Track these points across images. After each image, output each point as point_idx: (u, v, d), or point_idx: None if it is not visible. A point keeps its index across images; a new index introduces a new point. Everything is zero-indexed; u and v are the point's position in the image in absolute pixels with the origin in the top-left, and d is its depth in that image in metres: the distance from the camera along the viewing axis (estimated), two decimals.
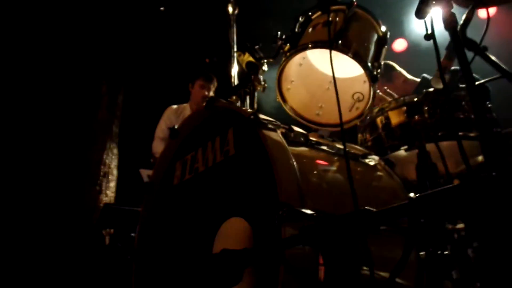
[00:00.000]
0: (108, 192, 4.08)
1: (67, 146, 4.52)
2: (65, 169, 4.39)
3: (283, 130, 1.30)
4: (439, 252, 1.14)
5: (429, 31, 1.09)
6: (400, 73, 3.11)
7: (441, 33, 1.17)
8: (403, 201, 0.77)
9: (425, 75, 3.05)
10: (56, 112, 4.64)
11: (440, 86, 1.65)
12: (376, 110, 1.77)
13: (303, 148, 1.35)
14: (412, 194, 1.09)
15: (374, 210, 0.80)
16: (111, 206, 3.96)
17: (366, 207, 0.79)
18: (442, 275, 1.22)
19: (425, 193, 0.71)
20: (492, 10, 3.96)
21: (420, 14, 1.00)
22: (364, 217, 0.77)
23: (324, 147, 1.44)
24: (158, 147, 3.32)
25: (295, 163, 1.18)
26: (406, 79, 3.09)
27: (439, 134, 1.58)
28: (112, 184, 4.19)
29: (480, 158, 1.49)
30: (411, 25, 4.53)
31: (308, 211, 1.05)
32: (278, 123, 1.29)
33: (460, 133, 1.58)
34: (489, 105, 1.75)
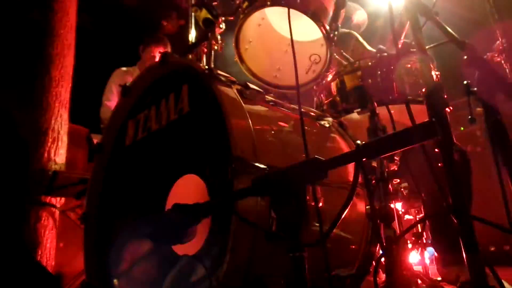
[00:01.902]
0: (57, 159, 3.87)
1: (11, 109, 4.20)
2: (9, 134, 4.10)
3: (239, 87, 1.28)
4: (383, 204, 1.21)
5: None
6: (360, 43, 3.15)
7: None
8: None
9: (380, 46, 3.11)
10: None
11: (394, 51, 1.70)
12: (332, 73, 1.79)
13: (258, 107, 1.34)
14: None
15: (323, 159, 0.81)
16: (60, 173, 3.77)
17: (315, 156, 0.80)
18: (385, 226, 1.30)
19: (370, 140, 0.74)
20: None
21: None
22: (314, 165, 0.79)
23: (280, 107, 1.44)
24: (106, 112, 3.10)
25: (249, 119, 1.17)
26: (364, 50, 3.14)
27: (390, 98, 1.63)
28: (62, 151, 3.97)
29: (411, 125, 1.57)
30: None
31: (261, 165, 1.06)
32: (234, 79, 1.26)
33: (408, 97, 1.64)
34: (437, 73, 1.83)
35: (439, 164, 0.86)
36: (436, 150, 0.87)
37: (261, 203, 1.07)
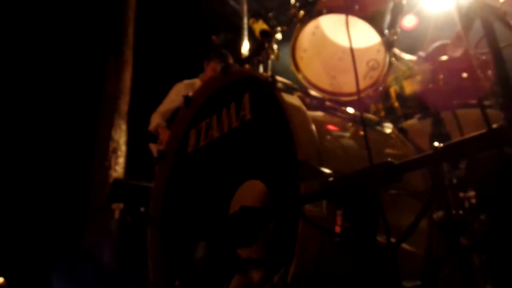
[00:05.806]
0: (117, 167, 4.14)
1: (75, 123, 4.57)
2: (73, 145, 4.45)
3: (300, 94, 1.30)
4: (453, 212, 1.16)
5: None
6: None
7: None
8: None
9: (420, 53, 2.97)
10: (63, 88, 4.66)
11: (456, 54, 1.64)
12: (390, 79, 1.77)
13: (319, 113, 1.36)
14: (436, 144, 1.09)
15: (396, 162, 0.81)
16: (120, 181, 4.02)
17: (389, 159, 0.80)
18: (452, 239, 1.24)
19: (450, 142, 0.72)
20: None
21: None
22: (387, 168, 0.78)
23: (339, 113, 1.45)
24: (154, 119, 3.15)
25: (313, 125, 1.18)
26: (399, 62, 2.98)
27: (454, 102, 1.57)
28: (121, 160, 4.25)
29: (495, 126, 1.49)
30: (422, 1, 4.43)
31: (327, 170, 1.06)
32: (296, 86, 1.29)
33: (473, 101, 1.57)
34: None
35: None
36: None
37: (324, 208, 1.08)
